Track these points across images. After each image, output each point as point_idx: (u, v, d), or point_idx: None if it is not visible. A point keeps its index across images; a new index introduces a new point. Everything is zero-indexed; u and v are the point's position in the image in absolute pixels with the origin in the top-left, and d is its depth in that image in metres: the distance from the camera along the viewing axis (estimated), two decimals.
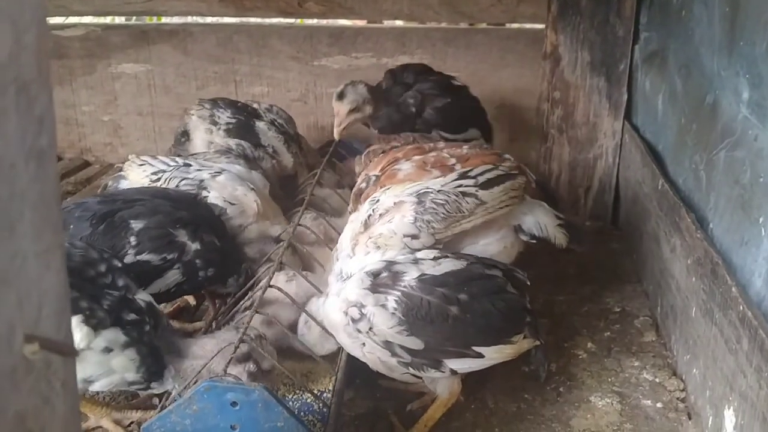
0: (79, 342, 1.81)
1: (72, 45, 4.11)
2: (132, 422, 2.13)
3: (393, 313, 1.94)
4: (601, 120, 3.56)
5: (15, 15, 0.77)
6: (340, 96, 3.16)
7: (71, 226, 2.25)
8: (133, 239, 2.27)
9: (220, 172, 2.65)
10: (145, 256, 2.27)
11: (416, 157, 2.55)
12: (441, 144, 2.77)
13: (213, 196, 2.55)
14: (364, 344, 2.00)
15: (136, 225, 2.29)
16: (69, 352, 0.95)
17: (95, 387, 1.92)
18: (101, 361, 1.87)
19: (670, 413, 2.24)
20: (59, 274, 0.92)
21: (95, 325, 1.84)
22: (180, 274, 2.32)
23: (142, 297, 2.01)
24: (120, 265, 2.04)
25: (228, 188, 2.59)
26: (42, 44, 0.85)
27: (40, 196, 0.87)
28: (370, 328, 1.95)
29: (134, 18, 4.66)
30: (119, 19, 4.72)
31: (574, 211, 3.63)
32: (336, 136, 3.18)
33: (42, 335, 0.88)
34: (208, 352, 1.93)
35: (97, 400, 2.21)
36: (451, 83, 3.41)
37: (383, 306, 1.95)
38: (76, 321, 1.81)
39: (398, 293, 1.96)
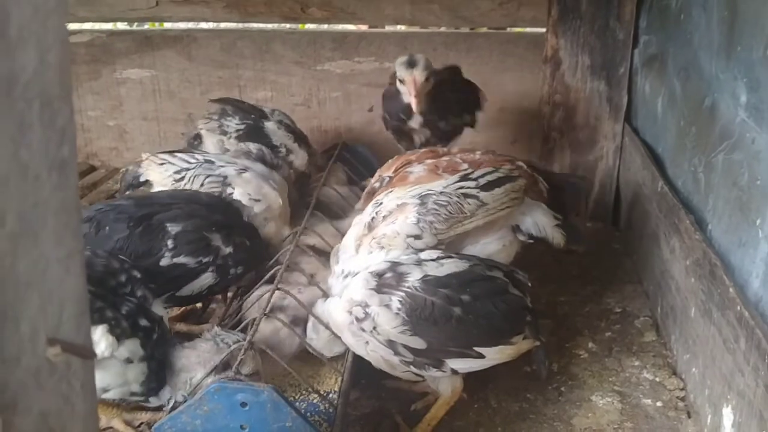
0: (104, 350, 1.85)
1: (77, 51, 4.15)
2: (142, 423, 2.17)
3: (397, 313, 1.98)
4: (601, 123, 3.59)
5: (39, 36, 0.81)
6: (412, 63, 2.94)
7: (107, 228, 2.29)
8: (170, 242, 2.31)
9: (245, 170, 2.68)
10: (181, 259, 2.31)
11: (429, 161, 2.58)
12: (455, 149, 2.81)
13: (238, 193, 2.59)
14: (367, 343, 2.03)
15: (174, 228, 2.33)
16: (88, 355, 0.99)
17: (108, 395, 1.96)
18: (121, 371, 1.91)
19: (670, 412, 2.27)
20: (79, 278, 0.96)
21: (119, 335, 1.88)
22: (213, 276, 2.37)
23: (158, 310, 2.04)
24: (139, 276, 2.07)
25: (253, 184, 2.62)
26: (64, 62, 0.89)
27: (62, 204, 0.91)
28: (374, 328, 1.99)
29: (135, 24, 4.71)
30: (124, 25, 4.76)
31: (575, 212, 3.67)
32: (415, 108, 2.95)
33: (63, 338, 0.92)
34: (192, 363, 1.96)
35: (108, 401, 2.25)
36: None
37: (387, 306, 1.99)
38: (101, 330, 1.85)
39: (402, 294, 2.00)
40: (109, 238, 2.26)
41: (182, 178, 2.64)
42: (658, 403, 2.32)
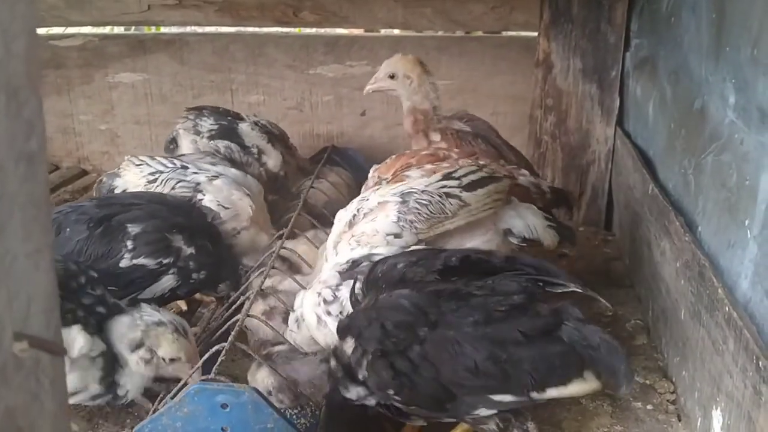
0: (82, 348, 1.85)
1: (70, 55, 4.15)
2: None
3: None
4: (593, 126, 3.59)
5: (5, 24, 0.80)
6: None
7: (68, 229, 2.28)
8: (129, 243, 2.29)
9: (217, 176, 2.68)
10: (141, 260, 2.29)
11: (428, 166, 2.56)
12: (455, 153, 2.76)
13: (208, 200, 2.58)
14: (326, 326, 2.01)
15: (133, 229, 2.32)
16: (57, 351, 0.97)
17: (71, 401, 1.94)
18: (83, 375, 1.90)
19: (660, 415, 2.26)
20: (48, 273, 0.95)
21: (92, 334, 1.89)
22: (175, 279, 2.35)
23: (101, 310, 2.01)
24: (96, 275, 2.06)
25: (224, 192, 2.62)
26: (31, 52, 0.87)
27: (30, 198, 0.89)
28: (341, 312, 1.97)
29: (133, 28, 4.71)
30: (117, 29, 4.76)
31: (567, 216, 3.66)
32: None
33: (31, 333, 0.90)
34: (118, 342, 1.96)
35: None
36: None
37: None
38: (77, 329, 1.86)
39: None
40: (70, 240, 2.25)
41: (155, 180, 2.65)
42: (649, 406, 2.30)
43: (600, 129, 3.58)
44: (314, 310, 2.03)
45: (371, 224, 2.17)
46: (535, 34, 3.62)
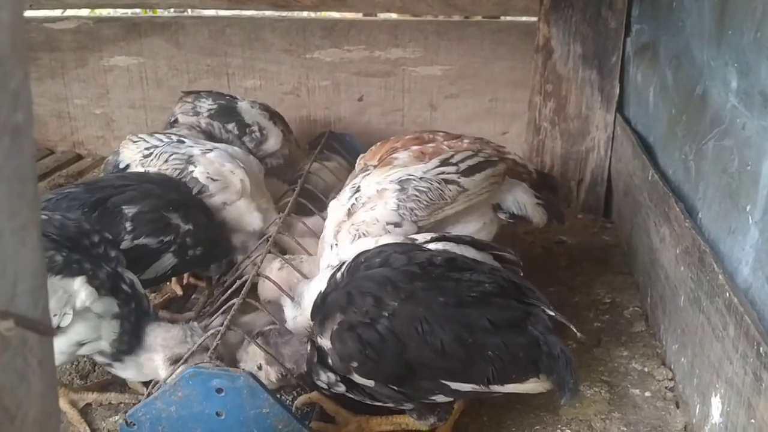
0: (85, 300, 1.85)
1: (64, 38, 4.10)
2: (87, 403, 2.16)
3: None
4: (593, 113, 3.56)
5: None
6: None
7: None
8: (128, 224, 2.29)
9: (211, 150, 2.66)
10: (142, 240, 2.29)
11: (414, 147, 2.55)
12: (440, 136, 2.75)
13: (198, 171, 2.57)
14: None
15: (130, 210, 2.31)
16: (45, 331, 0.95)
17: (81, 351, 1.96)
18: (96, 324, 1.91)
19: (658, 402, 2.24)
20: (35, 251, 0.92)
21: (98, 287, 1.89)
22: (173, 256, 2.35)
23: (128, 275, 2.04)
24: (111, 237, 2.08)
25: (215, 164, 2.60)
26: (17, 22, 0.84)
27: (16, 172, 0.87)
28: None
29: (130, 12, 4.66)
30: (112, 12, 4.71)
31: (566, 203, 3.64)
32: None
33: (18, 312, 0.88)
34: (156, 343, 1.96)
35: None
36: None
37: None
38: (80, 281, 1.86)
39: None
40: None
41: (150, 155, 2.64)
42: (647, 393, 2.29)
43: (600, 115, 3.55)
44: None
45: (370, 213, 2.15)
46: (535, 19, 3.58)
